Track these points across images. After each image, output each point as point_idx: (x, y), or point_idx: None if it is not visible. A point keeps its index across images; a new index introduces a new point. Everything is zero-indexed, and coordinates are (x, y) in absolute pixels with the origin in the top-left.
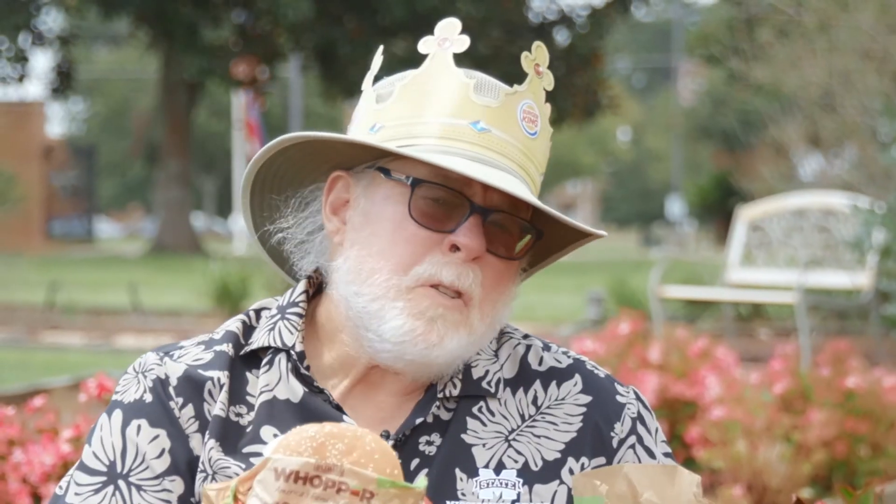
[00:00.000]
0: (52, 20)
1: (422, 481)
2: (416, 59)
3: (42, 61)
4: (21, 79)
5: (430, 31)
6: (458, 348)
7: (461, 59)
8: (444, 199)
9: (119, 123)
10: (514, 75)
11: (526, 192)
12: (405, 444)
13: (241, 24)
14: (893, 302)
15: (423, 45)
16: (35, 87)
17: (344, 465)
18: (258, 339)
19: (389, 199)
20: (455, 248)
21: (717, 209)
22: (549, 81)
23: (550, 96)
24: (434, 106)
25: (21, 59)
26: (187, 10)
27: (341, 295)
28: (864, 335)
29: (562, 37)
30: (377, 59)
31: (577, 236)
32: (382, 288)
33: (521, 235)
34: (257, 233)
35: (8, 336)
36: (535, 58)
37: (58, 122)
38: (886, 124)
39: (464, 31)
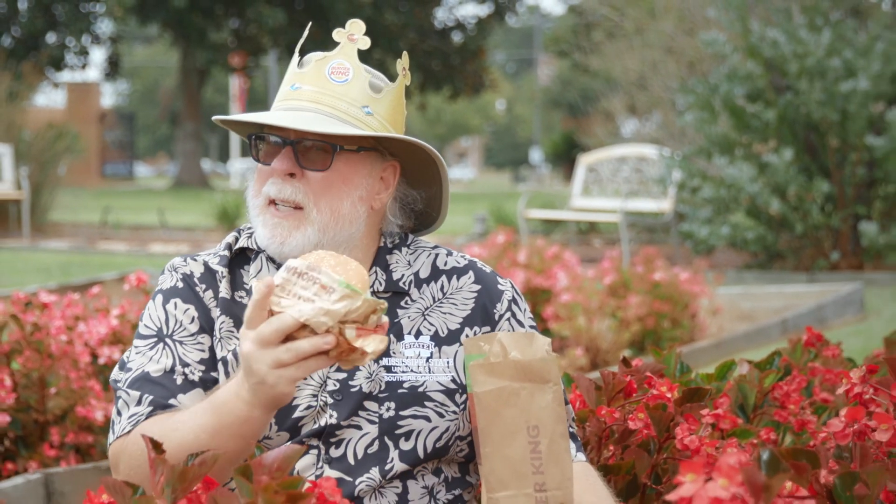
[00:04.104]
0: (105, 26)
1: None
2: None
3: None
4: (84, 67)
5: (367, 35)
6: (304, 240)
7: (384, 56)
8: (269, 141)
9: (151, 97)
10: (427, 65)
11: (314, 123)
12: None
13: (235, 29)
14: (687, 221)
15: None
16: (93, 72)
17: (323, 269)
18: (245, 244)
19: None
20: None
21: (564, 157)
22: (363, 43)
23: (449, 79)
24: (284, 86)
25: (83, 53)
26: (198, 19)
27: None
28: (666, 244)
29: (457, 37)
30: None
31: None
32: (251, 207)
33: (332, 151)
34: None
35: (74, 245)
36: (349, 30)
37: (109, 96)
38: (681, 98)
39: (388, 33)
